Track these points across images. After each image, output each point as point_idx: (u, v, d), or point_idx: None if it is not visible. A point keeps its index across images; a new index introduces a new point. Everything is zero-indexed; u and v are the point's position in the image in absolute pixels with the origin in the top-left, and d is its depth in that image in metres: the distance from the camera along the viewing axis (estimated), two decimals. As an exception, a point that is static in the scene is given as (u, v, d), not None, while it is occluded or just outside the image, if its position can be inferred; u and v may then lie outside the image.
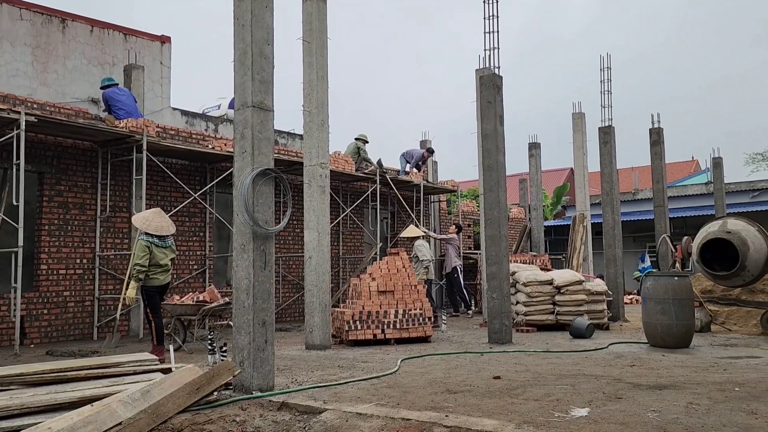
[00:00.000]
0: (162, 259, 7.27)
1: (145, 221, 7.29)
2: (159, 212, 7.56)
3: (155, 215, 7.44)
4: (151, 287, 7.29)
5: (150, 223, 7.26)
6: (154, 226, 7.27)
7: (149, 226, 7.24)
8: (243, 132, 5.10)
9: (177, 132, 11.01)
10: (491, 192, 8.48)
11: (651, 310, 7.81)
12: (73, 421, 3.70)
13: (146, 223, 7.27)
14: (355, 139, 14.51)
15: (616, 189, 12.23)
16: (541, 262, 13.63)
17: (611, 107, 12.41)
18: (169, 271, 7.44)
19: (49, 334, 9.31)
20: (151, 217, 7.39)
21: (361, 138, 14.51)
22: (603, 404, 4.27)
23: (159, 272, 7.26)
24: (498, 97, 8.56)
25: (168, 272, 7.40)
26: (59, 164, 9.60)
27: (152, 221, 7.31)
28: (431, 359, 6.87)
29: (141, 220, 7.33)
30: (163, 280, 7.35)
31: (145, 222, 7.28)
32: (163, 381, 4.32)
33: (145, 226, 7.24)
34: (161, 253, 7.28)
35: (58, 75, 12.61)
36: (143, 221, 7.30)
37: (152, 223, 7.27)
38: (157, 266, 7.23)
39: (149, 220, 7.32)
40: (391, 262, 9.07)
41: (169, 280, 7.47)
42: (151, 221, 7.30)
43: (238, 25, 5.18)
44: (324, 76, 8.19)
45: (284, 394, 4.74)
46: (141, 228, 7.27)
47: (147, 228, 7.23)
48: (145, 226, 7.24)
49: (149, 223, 7.27)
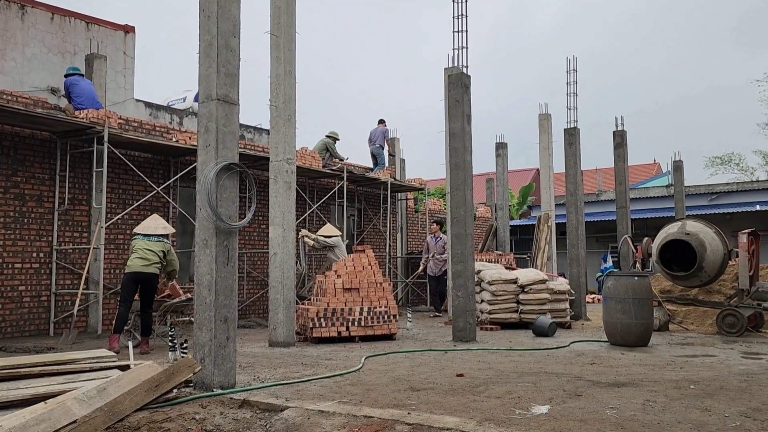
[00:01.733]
0: (142, 247, 7.68)
1: (140, 227, 8.02)
2: (154, 217, 8.31)
3: (149, 220, 8.14)
4: (125, 273, 7.72)
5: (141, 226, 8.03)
6: (143, 226, 7.98)
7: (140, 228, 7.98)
8: (207, 125, 5.01)
9: (140, 124, 10.78)
10: (458, 191, 8.52)
11: (611, 309, 7.96)
12: (26, 419, 3.59)
13: (141, 227, 7.99)
14: (326, 136, 14.39)
15: (580, 190, 12.43)
16: (507, 261, 13.77)
17: (577, 109, 12.61)
18: (147, 261, 7.62)
19: (2, 329, 9.02)
20: (146, 222, 8.08)
21: (332, 135, 14.38)
22: (563, 401, 4.33)
23: (134, 258, 7.62)
24: (466, 97, 8.61)
25: (147, 262, 7.62)
26: (16, 155, 9.30)
27: (144, 223, 8.08)
28: (395, 357, 6.88)
29: (139, 228, 8.01)
30: (135, 267, 7.57)
31: (140, 227, 8.02)
32: (121, 378, 4.23)
33: (138, 228, 8.01)
34: (144, 244, 7.72)
35: (16, 63, 12.21)
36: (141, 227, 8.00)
37: (143, 223, 8.05)
38: (134, 253, 7.67)
39: (143, 225, 8.03)
40: (357, 259, 9.05)
41: (145, 271, 7.61)
42: (144, 224, 8.06)
43: (204, 17, 5.09)
44: (292, 71, 8.11)
45: (246, 392, 4.68)
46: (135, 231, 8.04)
47: (137, 229, 8.00)
48: (138, 229, 8.00)
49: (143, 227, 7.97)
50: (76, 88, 10.22)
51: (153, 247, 7.70)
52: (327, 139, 14.25)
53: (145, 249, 7.65)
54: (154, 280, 7.72)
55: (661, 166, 36.51)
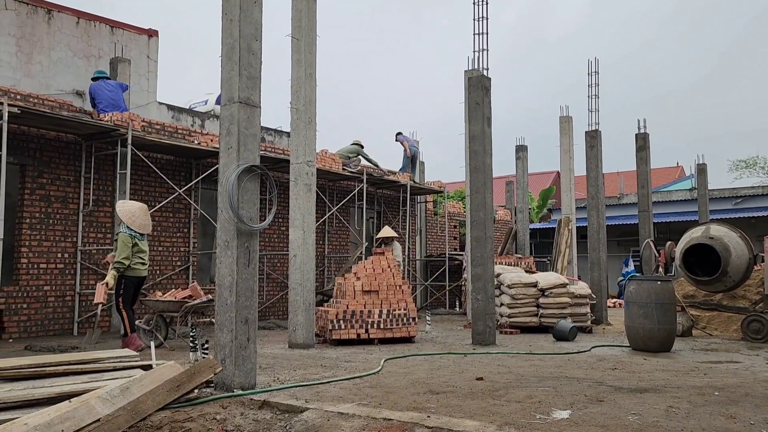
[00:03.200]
0: (143, 251, 7.42)
1: (131, 216, 7.37)
2: (145, 211, 7.64)
3: (142, 213, 7.52)
4: (132, 277, 7.41)
5: (135, 220, 7.40)
6: (138, 223, 7.44)
7: (134, 222, 7.38)
8: (229, 128, 5.05)
9: (163, 127, 10.91)
10: (478, 194, 8.49)
11: (633, 314, 7.86)
12: (50, 417, 3.64)
13: (132, 219, 7.37)
14: (352, 143, 14.64)
15: (601, 193, 12.31)
16: (526, 264, 13.68)
17: (598, 111, 12.50)
18: (146, 264, 7.59)
19: (28, 328, 9.18)
20: (138, 213, 7.47)
21: (358, 142, 14.68)
22: (584, 407, 4.28)
23: (139, 263, 7.39)
24: (486, 99, 8.58)
25: (145, 264, 7.54)
26: (42, 157, 9.48)
27: (137, 218, 7.44)
28: (414, 360, 6.86)
29: (128, 215, 7.38)
30: (141, 272, 7.47)
31: (132, 218, 7.37)
32: (143, 378, 4.27)
33: (130, 221, 7.35)
34: (143, 245, 7.44)
35: (43, 66, 12.44)
36: (130, 216, 7.36)
37: (137, 221, 7.42)
38: (137, 257, 7.37)
39: (136, 216, 7.41)
40: (377, 261, 9.05)
41: (145, 274, 7.63)
42: (137, 218, 7.43)
43: (227, 20, 5.14)
44: (312, 74, 8.15)
45: (266, 393, 4.70)
46: (126, 222, 7.34)
47: (132, 224, 7.36)
48: (130, 222, 7.35)
49: (134, 219, 7.39)
50: (98, 94, 10.38)
51: (146, 247, 7.61)
52: (355, 146, 14.48)
53: (143, 251, 7.52)
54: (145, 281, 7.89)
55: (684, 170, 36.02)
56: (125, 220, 7.35)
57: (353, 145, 14.59)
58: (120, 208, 7.52)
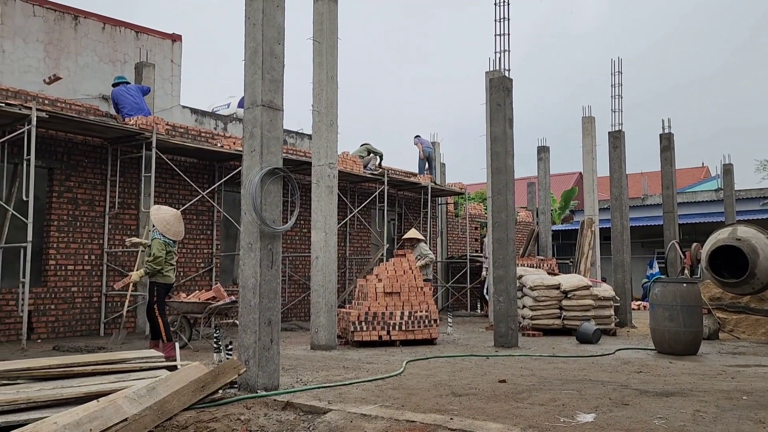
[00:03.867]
0: (173, 258, 7.45)
1: (166, 224, 7.31)
2: (179, 218, 7.58)
3: (176, 221, 7.46)
4: (165, 284, 7.37)
5: (170, 228, 7.33)
6: (174, 231, 7.37)
7: (168, 230, 7.31)
8: (252, 131, 5.10)
9: (186, 130, 11.05)
10: (499, 195, 8.45)
11: (659, 317, 7.76)
12: (79, 417, 3.71)
13: (167, 227, 7.30)
14: (361, 144, 14.77)
15: (625, 194, 12.17)
16: (549, 266, 13.58)
17: (622, 112, 12.37)
18: (176, 272, 7.68)
19: (56, 329, 9.36)
20: (172, 221, 7.41)
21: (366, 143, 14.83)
22: (609, 410, 4.24)
23: (171, 270, 7.40)
24: (507, 100, 8.54)
25: (175, 272, 7.61)
26: (69, 160, 9.65)
27: (172, 226, 7.38)
28: (436, 361, 6.85)
29: (162, 223, 7.30)
30: (172, 279, 7.50)
31: (167, 225, 7.31)
32: (169, 378, 4.33)
33: (165, 229, 7.28)
34: (170, 253, 7.41)
35: (70, 72, 12.68)
36: (164, 224, 7.30)
37: (172, 228, 7.36)
38: (169, 265, 7.36)
39: (170, 224, 7.36)
40: (398, 263, 9.06)
41: (174, 282, 7.68)
42: (172, 226, 7.37)
43: (249, 24, 5.19)
44: (334, 77, 8.19)
45: (289, 394, 4.73)
46: (161, 230, 7.27)
47: (167, 232, 7.28)
48: (165, 230, 7.28)
49: (169, 228, 7.33)
50: (121, 99, 10.54)
51: (176, 254, 7.57)
52: (364, 146, 14.63)
53: (174, 256, 7.46)
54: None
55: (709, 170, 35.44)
56: (160, 228, 7.28)
57: (362, 146, 14.70)
58: (155, 215, 7.43)
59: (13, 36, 11.91)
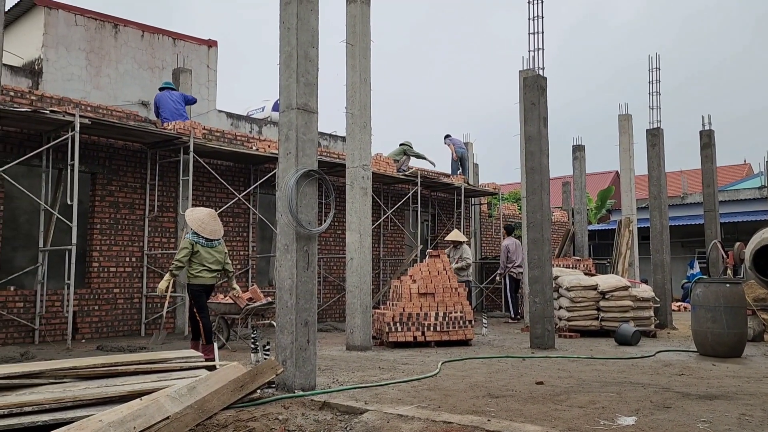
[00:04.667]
0: (208, 259, 7.20)
1: (201, 223, 7.25)
2: (214, 216, 7.51)
3: (211, 219, 7.39)
4: (196, 285, 7.19)
5: (205, 227, 7.25)
6: (209, 230, 7.26)
7: (204, 229, 7.23)
8: (287, 134, 5.16)
9: (222, 134, 11.23)
10: (534, 195, 8.37)
11: (701, 318, 7.57)
12: (123, 415, 3.80)
13: (202, 225, 7.24)
14: (400, 144, 14.79)
15: (664, 193, 11.91)
16: (585, 266, 13.37)
17: (660, 109, 12.10)
18: (217, 272, 7.33)
19: (99, 329, 9.61)
20: (207, 220, 7.34)
21: (406, 143, 14.83)
22: (651, 413, 4.16)
23: (204, 271, 7.17)
24: (542, 99, 8.45)
25: (215, 273, 7.29)
26: (111, 165, 9.91)
27: (207, 225, 7.29)
28: (472, 363, 6.82)
29: (197, 222, 7.25)
30: (208, 280, 7.24)
31: (201, 224, 7.24)
32: (209, 377, 4.41)
33: (200, 228, 7.22)
34: (207, 254, 7.21)
35: (111, 79, 13.02)
36: (199, 223, 7.24)
37: (207, 227, 7.27)
38: (201, 265, 7.16)
39: (205, 222, 7.28)
40: (432, 264, 9.04)
41: (213, 282, 7.34)
42: (207, 224, 7.28)
43: (284, 29, 5.25)
44: (367, 79, 8.23)
45: (326, 394, 4.77)
46: (195, 229, 7.23)
47: (202, 231, 7.21)
48: (200, 229, 7.22)
49: (204, 226, 7.25)
50: (162, 104, 10.80)
51: (216, 255, 7.29)
52: (402, 147, 14.64)
53: (210, 259, 7.23)
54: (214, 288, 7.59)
55: (752, 167, 34.40)
56: (194, 228, 7.22)
57: (400, 146, 14.74)
58: (189, 216, 7.39)
59: (57, 45, 12.29)
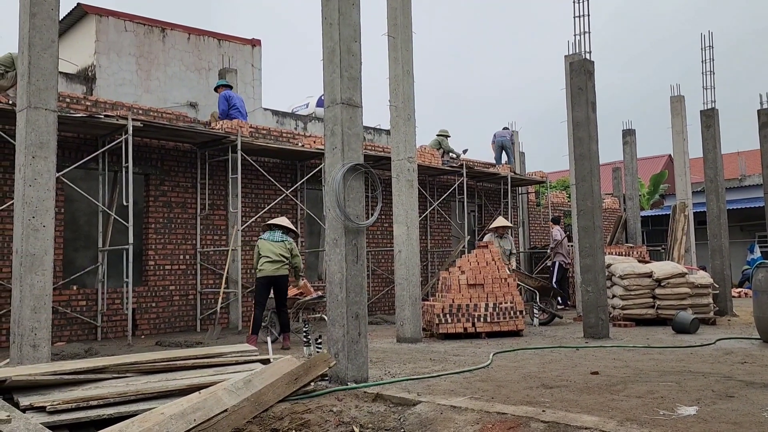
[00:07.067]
0: (266, 251, 7.91)
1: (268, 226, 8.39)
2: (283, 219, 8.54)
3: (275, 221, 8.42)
4: (258, 278, 7.96)
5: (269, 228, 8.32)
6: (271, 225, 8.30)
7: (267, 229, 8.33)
8: (333, 129, 5.19)
9: (268, 131, 11.40)
10: (584, 182, 8.20)
11: (764, 304, 7.28)
12: (183, 407, 3.92)
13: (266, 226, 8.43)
14: (437, 135, 14.67)
15: (720, 175, 11.49)
16: (639, 254, 13.01)
17: (714, 89, 11.67)
18: (277, 264, 7.90)
19: (157, 325, 9.93)
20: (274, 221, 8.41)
21: (443, 133, 14.68)
22: (712, 403, 4.03)
23: (267, 262, 7.87)
24: (589, 83, 8.26)
25: (275, 264, 7.88)
26: (163, 166, 10.20)
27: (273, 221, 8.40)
28: (524, 353, 6.75)
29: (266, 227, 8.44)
30: (267, 272, 7.85)
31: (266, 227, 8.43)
32: (264, 371, 4.50)
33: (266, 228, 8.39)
34: (265, 247, 7.93)
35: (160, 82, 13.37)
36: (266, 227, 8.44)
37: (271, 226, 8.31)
38: (264, 257, 7.90)
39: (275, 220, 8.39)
40: (480, 255, 8.97)
41: (276, 274, 7.89)
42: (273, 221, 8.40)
43: (326, 24, 5.28)
44: (409, 71, 8.19)
45: (378, 386, 4.80)
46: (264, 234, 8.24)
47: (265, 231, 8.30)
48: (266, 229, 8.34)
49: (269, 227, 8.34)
50: (233, 101, 10.91)
51: (277, 249, 7.91)
52: (439, 137, 14.51)
53: (271, 251, 7.88)
54: (285, 281, 8.02)
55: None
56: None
57: (437, 137, 14.61)
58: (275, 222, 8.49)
59: (108, 51, 12.70)
